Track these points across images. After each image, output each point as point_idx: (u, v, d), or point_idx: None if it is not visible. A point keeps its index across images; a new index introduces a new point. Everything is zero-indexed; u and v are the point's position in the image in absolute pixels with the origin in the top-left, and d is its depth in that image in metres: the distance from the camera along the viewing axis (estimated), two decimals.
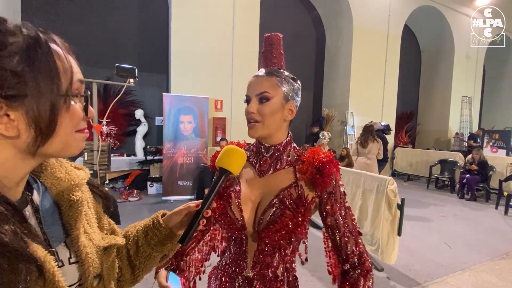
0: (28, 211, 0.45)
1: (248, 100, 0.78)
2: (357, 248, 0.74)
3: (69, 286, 0.47)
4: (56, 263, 0.42)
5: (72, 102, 0.44)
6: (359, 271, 0.72)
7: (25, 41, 0.39)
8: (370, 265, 0.73)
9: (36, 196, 0.48)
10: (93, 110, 0.50)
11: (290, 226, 0.71)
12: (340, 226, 0.75)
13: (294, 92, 0.79)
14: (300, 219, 0.72)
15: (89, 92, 0.49)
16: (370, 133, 4.33)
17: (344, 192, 0.79)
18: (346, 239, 0.74)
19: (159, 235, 0.65)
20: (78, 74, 0.46)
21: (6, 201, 0.38)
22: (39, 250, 0.40)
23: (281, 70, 0.79)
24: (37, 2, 5.43)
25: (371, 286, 0.71)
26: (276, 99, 0.75)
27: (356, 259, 0.73)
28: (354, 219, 0.78)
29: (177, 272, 0.92)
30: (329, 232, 0.77)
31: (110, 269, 0.57)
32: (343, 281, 0.73)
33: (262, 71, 0.79)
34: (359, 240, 0.76)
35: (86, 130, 0.48)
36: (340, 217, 0.75)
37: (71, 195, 0.50)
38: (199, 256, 0.95)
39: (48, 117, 0.41)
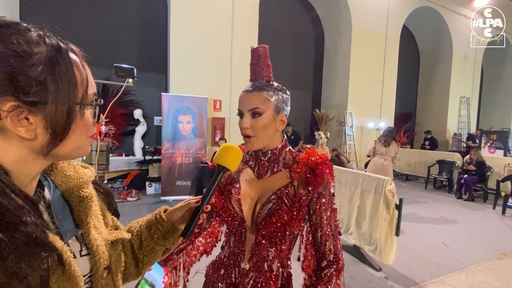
0: (41, 206, 0.48)
1: (241, 114, 0.81)
2: (334, 248, 0.81)
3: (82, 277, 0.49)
4: (71, 254, 0.45)
5: (85, 110, 0.47)
6: (333, 270, 0.79)
7: (48, 51, 0.42)
8: (342, 264, 0.80)
9: (47, 193, 0.51)
10: (103, 117, 0.53)
11: (286, 219, 0.78)
12: (323, 225, 0.81)
13: (284, 102, 0.82)
14: (295, 213, 0.79)
15: (102, 102, 0.52)
16: (393, 135, 4.38)
17: (333, 193, 0.85)
18: (326, 237, 0.81)
19: (162, 229, 0.69)
20: (92, 86, 0.49)
21: (25, 195, 0.41)
22: (57, 241, 0.43)
23: (270, 83, 0.82)
24: (36, 1, 5.43)
25: (340, 285, 0.79)
26: (268, 113, 0.79)
27: (332, 257, 0.80)
28: (337, 220, 0.85)
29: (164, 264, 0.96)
30: (312, 228, 0.83)
31: (117, 262, 0.60)
32: (318, 278, 0.80)
33: (251, 86, 0.81)
34: (338, 241, 0.83)
35: (95, 135, 0.52)
36: (325, 217, 0.81)
37: (80, 191, 0.53)
38: (192, 252, 0.99)
39: (64, 123, 0.44)
